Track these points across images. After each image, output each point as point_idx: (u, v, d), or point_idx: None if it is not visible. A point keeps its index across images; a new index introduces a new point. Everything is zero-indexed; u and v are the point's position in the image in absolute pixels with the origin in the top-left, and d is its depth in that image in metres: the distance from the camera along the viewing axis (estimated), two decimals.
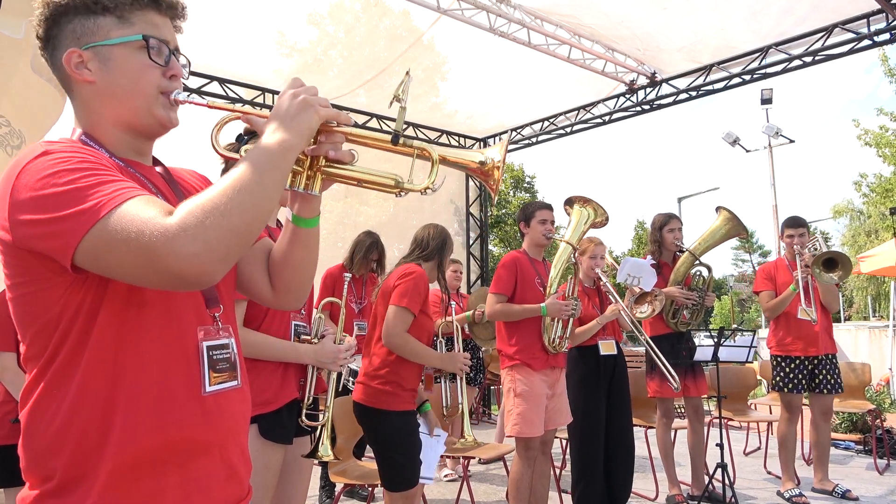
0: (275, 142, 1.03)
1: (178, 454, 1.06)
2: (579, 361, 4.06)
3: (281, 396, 2.20)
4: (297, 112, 1.07)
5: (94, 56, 1.10)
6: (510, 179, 26.63)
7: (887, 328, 10.90)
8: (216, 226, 0.92)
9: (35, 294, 1.02)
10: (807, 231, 4.72)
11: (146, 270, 0.93)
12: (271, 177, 1.01)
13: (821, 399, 4.64)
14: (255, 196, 0.97)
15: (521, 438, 3.55)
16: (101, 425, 1.01)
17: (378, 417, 2.92)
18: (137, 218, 0.92)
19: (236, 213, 0.94)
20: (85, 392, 1.01)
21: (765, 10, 5.84)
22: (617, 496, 4.00)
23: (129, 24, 1.11)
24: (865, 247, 22.12)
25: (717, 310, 31.87)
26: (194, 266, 0.92)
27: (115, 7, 1.10)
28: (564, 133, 8.40)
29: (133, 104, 1.13)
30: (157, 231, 0.90)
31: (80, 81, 1.11)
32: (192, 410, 1.09)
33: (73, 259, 0.95)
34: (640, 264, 4.32)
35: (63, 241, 0.93)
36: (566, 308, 3.58)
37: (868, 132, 15.80)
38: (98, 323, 1.02)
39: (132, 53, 1.11)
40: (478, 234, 9.35)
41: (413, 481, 2.87)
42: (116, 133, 1.15)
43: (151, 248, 0.90)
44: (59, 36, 1.10)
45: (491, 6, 6.00)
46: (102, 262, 0.94)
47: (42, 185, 0.95)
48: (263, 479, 2.15)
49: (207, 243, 0.92)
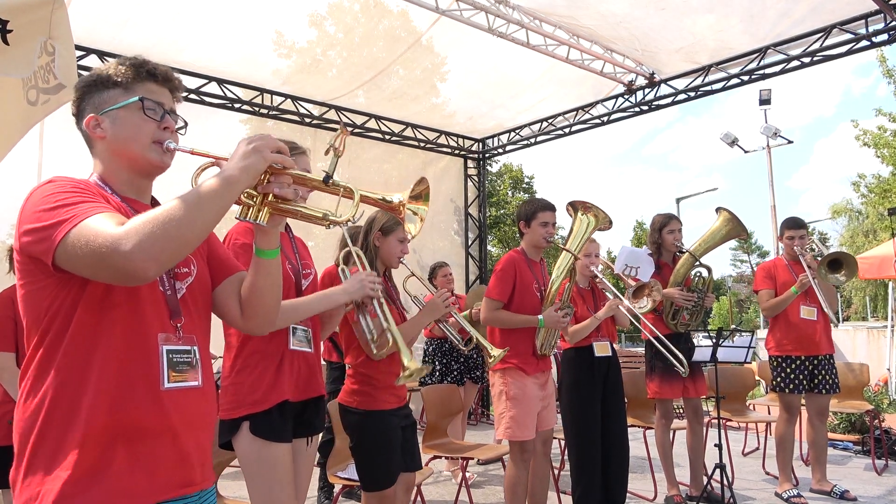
0: (221, 176, 1.30)
1: (127, 434, 1.28)
2: (574, 363, 4.04)
3: (271, 397, 2.20)
4: (246, 156, 1.33)
5: (106, 118, 1.44)
6: (509, 180, 26.64)
7: (885, 329, 10.93)
8: (152, 233, 1.17)
9: (33, 293, 1.30)
10: (807, 232, 4.72)
11: (99, 265, 1.19)
12: (210, 201, 1.25)
13: (817, 399, 4.64)
14: (192, 214, 1.21)
15: (516, 442, 3.54)
16: (71, 404, 1.25)
17: (349, 416, 2.89)
18: (97, 226, 1.20)
19: (173, 226, 1.19)
20: (61, 375, 1.26)
21: (763, 12, 5.84)
22: (614, 497, 4.00)
23: (131, 92, 1.45)
24: (864, 247, 22.14)
25: (715, 310, 31.90)
26: (130, 262, 1.16)
27: (121, 82, 1.45)
28: (563, 133, 8.40)
29: (132, 150, 1.44)
30: (107, 235, 1.18)
31: (96, 138, 1.46)
32: (147, 400, 1.31)
33: (53, 259, 1.21)
34: (637, 253, 4.27)
35: (47, 245, 1.21)
36: (564, 320, 3.57)
37: (866, 132, 15.83)
38: (75, 319, 1.27)
39: (132, 112, 1.44)
40: (476, 234, 9.35)
41: (385, 483, 2.81)
42: (122, 174, 1.47)
43: (100, 248, 1.17)
44: (84, 108, 1.46)
45: (489, 7, 6.00)
46: (73, 261, 1.21)
47: (39, 202, 1.26)
48: (264, 474, 2.16)
49: (142, 245, 1.16)
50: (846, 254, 4.59)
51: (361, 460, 2.88)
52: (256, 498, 2.17)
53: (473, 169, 9.32)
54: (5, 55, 2.44)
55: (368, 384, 2.87)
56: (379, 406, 2.86)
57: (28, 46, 2.50)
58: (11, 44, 2.44)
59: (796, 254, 4.60)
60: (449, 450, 4.42)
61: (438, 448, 4.40)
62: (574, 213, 3.95)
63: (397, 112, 7.87)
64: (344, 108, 7.53)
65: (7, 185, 5.05)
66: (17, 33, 2.44)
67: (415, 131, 8.23)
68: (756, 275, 4.92)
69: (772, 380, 4.76)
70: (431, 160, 8.79)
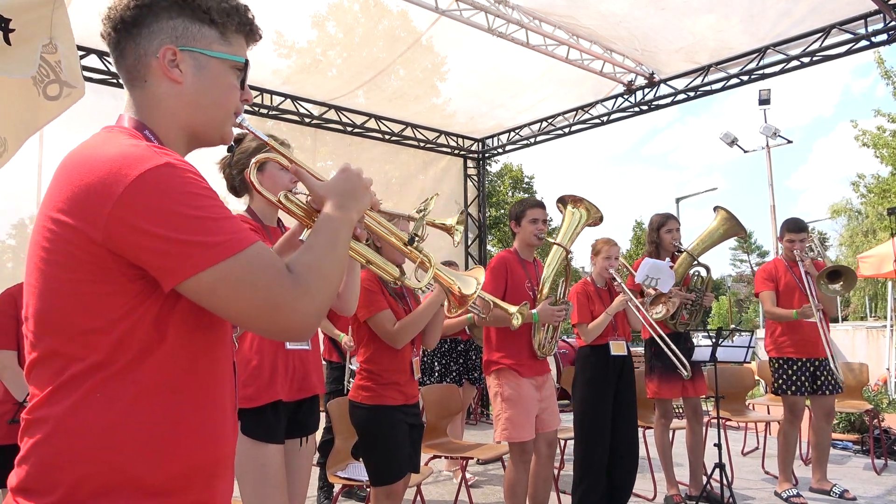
0: (346, 219, 1.17)
1: (224, 467, 1.11)
2: (589, 360, 4.05)
3: (265, 395, 2.20)
4: (362, 194, 1.22)
5: (189, 59, 1.12)
6: (509, 180, 26.63)
7: (885, 328, 10.93)
8: (321, 289, 1.04)
9: (93, 295, 0.97)
10: (807, 235, 4.72)
11: (264, 318, 1.00)
12: (343, 248, 1.14)
13: (823, 400, 4.64)
14: (336, 264, 1.10)
15: (516, 443, 3.53)
16: (157, 436, 1.00)
17: (356, 412, 2.93)
18: (270, 268, 0.99)
19: (334, 278, 1.08)
20: (143, 402, 0.99)
21: (763, 12, 5.85)
22: (618, 497, 4.00)
23: (228, 44, 1.16)
24: (863, 247, 22.13)
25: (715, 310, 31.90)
26: (307, 323, 1.02)
27: (221, 23, 1.15)
28: (563, 133, 8.41)
29: (212, 115, 1.17)
30: (286, 287, 0.99)
31: (166, 77, 1.11)
32: (231, 426, 1.13)
33: (177, 284, 0.95)
34: (660, 266, 4.30)
35: (177, 264, 0.94)
36: (558, 314, 3.56)
37: (866, 133, 15.83)
38: (168, 339, 1.01)
39: (227, 71, 1.16)
40: (476, 234, 9.35)
41: (392, 477, 2.84)
42: (178, 135, 1.16)
43: (280, 302, 0.98)
44: (153, 26, 1.11)
45: (489, 7, 6.00)
46: (214, 297, 0.97)
47: (176, 202, 0.95)
48: (255, 475, 2.14)
49: (318, 304, 1.03)
50: (846, 267, 4.61)
51: (368, 455, 2.90)
52: (248, 499, 2.16)
53: (473, 169, 9.33)
54: (7, 55, 2.44)
55: (374, 380, 2.91)
56: (384, 401, 2.89)
57: (30, 46, 2.50)
58: (14, 43, 2.43)
59: (795, 257, 4.60)
60: (448, 449, 4.43)
61: (438, 448, 4.41)
62: (564, 207, 3.94)
63: (397, 112, 7.87)
64: (344, 108, 7.53)
65: (7, 185, 5.06)
66: (18, 32, 2.44)
67: (415, 131, 8.23)
68: (756, 277, 4.91)
69: (773, 382, 4.76)
70: (431, 160, 8.79)
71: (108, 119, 1.17)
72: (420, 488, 3.88)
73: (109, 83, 5.71)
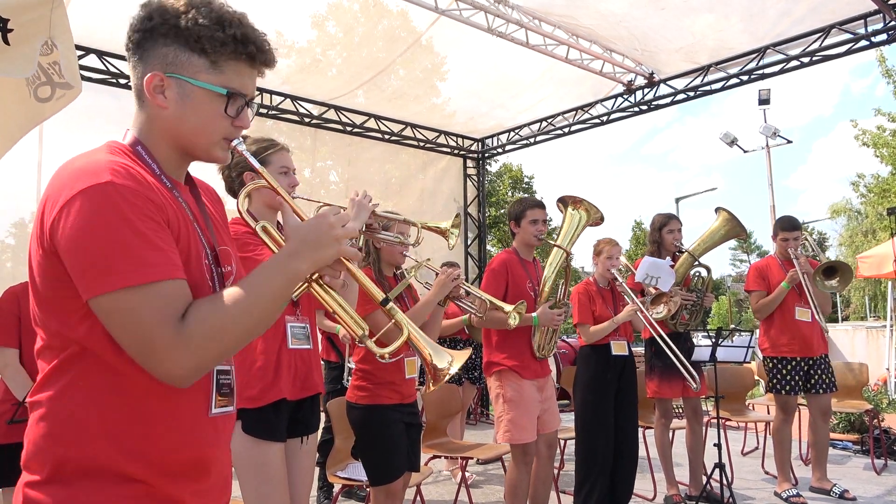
0: (290, 270, 1.10)
1: (196, 471, 1.13)
2: (590, 360, 4.06)
3: (268, 395, 2.20)
4: (325, 246, 1.13)
5: (175, 86, 1.15)
6: (509, 180, 26.61)
7: (885, 328, 10.92)
8: (211, 349, 1.03)
9: (56, 298, 1.06)
10: (801, 233, 4.72)
11: (142, 357, 1.01)
12: (274, 303, 1.10)
13: (818, 399, 4.64)
14: (253, 318, 1.06)
15: (518, 445, 3.52)
16: (130, 426, 1.06)
17: (353, 412, 2.94)
18: (164, 309, 1.00)
19: (231, 336, 1.05)
20: (115, 395, 1.06)
21: (762, 12, 5.85)
22: (619, 497, 4.00)
23: (218, 72, 1.16)
24: (863, 247, 22.13)
25: (714, 310, 31.88)
26: (177, 375, 1.02)
27: (212, 52, 1.15)
28: (563, 133, 8.41)
29: (195, 140, 1.20)
30: (167, 334, 1.00)
31: (153, 104, 1.16)
32: (205, 431, 1.15)
33: (87, 300, 1.01)
34: (660, 264, 4.30)
35: (84, 284, 1.00)
36: (558, 318, 3.55)
37: (865, 132, 15.84)
38: None
39: (211, 100, 1.16)
40: (476, 234, 9.35)
41: (390, 477, 2.85)
42: (170, 152, 1.20)
43: (157, 346, 1.00)
44: (151, 50, 1.15)
45: (489, 6, 6.00)
46: (109, 322, 1.01)
47: (98, 223, 0.99)
48: (256, 473, 2.13)
49: (198, 360, 1.03)
50: (842, 262, 4.60)
51: (366, 455, 2.91)
52: (249, 498, 2.15)
53: (473, 169, 9.32)
54: (6, 55, 2.43)
55: (369, 380, 2.91)
56: (380, 401, 2.89)
57: (29, 46, 2.49)
58: (12, 43, 2.43)
59: (790, 255, 4.60)
60: (448, 449, 4.43)
61: (438, 448, 4.41)
62: (564, 208, 3.93)
63: (397, 112, 7.87)
64: (344, 108, 7.52)
65: (7, 184, 5.06)
66: (17, 32, 2.44)
67: (414, 131, 8.23)
68: (748, 275, 4.91)
69: (768, 381, 4.77)
70: (431, 160, 8.79)
71: (107, 119, 1.21)
72: (420, 488, 3.87)
73: (108, 83, 5.69)
